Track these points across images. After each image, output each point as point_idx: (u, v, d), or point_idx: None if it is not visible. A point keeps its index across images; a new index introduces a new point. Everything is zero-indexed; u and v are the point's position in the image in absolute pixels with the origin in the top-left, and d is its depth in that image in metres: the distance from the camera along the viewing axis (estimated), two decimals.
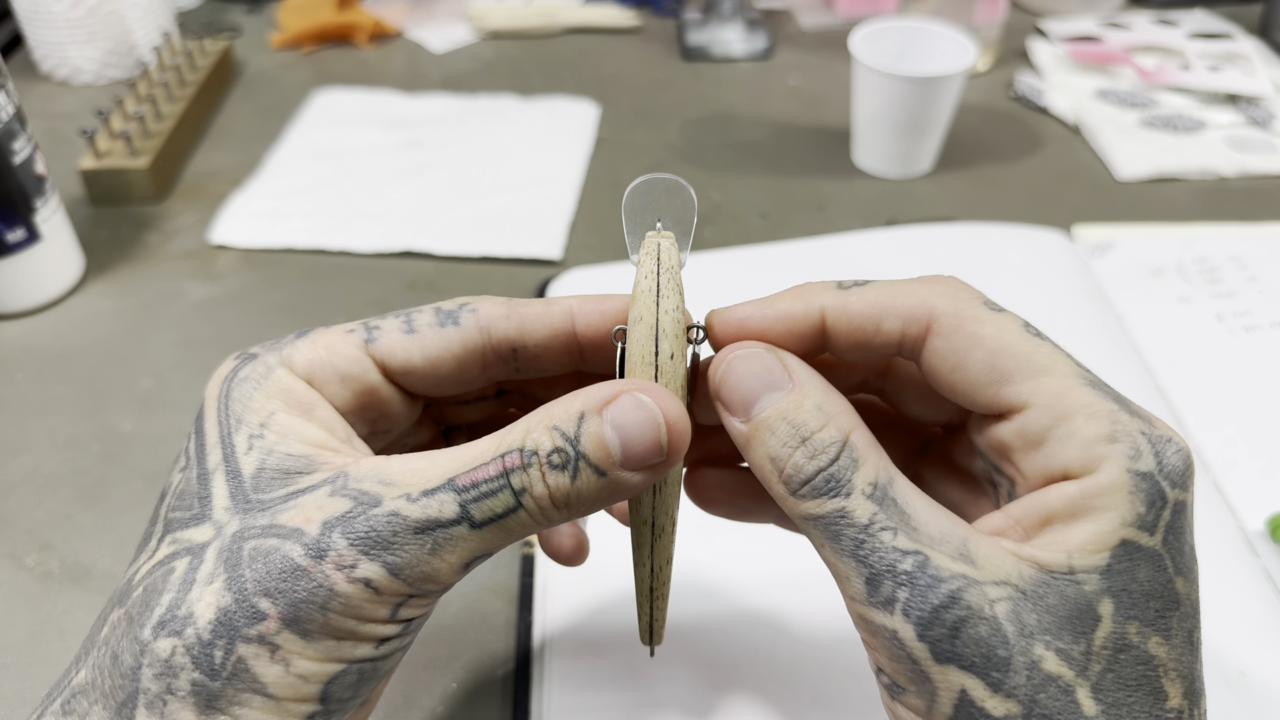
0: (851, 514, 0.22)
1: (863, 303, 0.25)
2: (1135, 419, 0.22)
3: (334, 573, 0.22)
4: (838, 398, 0.24)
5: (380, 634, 0.23)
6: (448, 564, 0.23)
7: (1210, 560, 0.40)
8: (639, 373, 0.25)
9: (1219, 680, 0.36)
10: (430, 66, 0.79)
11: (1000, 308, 0.24)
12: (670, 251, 0.25)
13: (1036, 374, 0.23)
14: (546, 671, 0.37)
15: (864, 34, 0.64)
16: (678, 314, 0.25)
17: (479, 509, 0.23)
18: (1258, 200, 0.64)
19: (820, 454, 0.23)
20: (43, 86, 0.75)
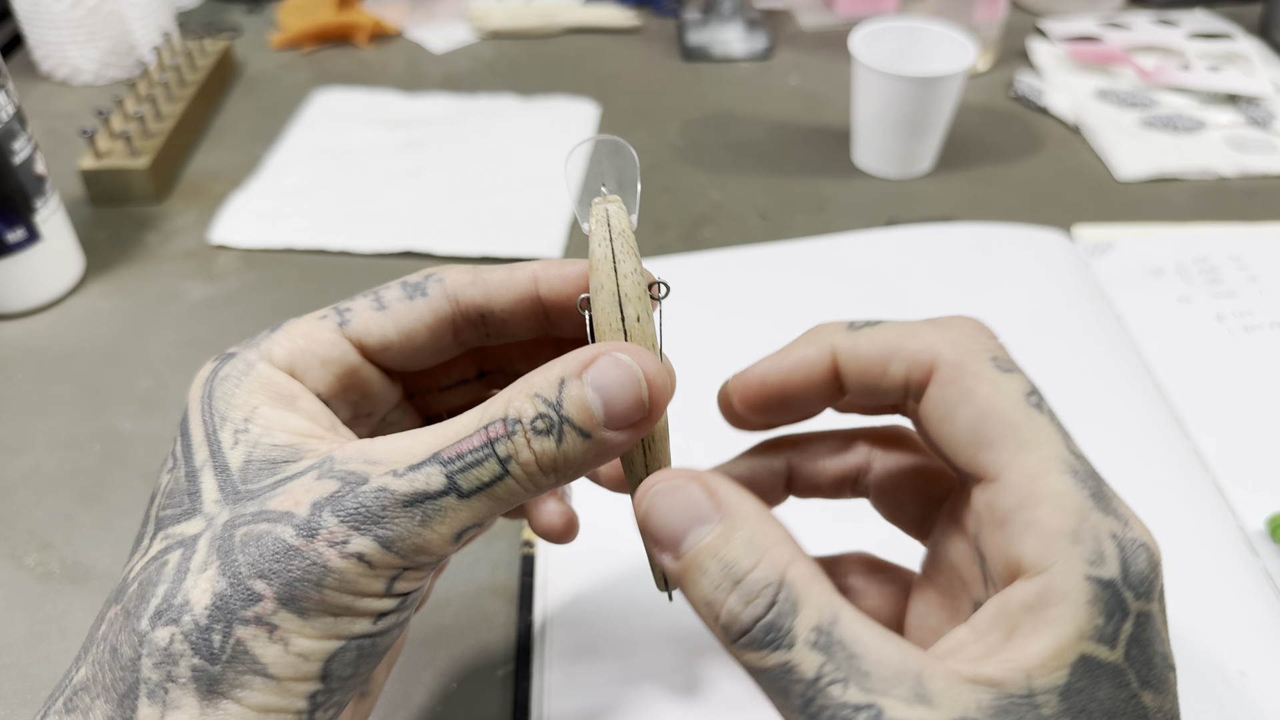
0: (797, 668, 0.21)
1: (871, 344, 0.25)
2: (1108, 518, 0.21)
3: (326, 549, 0.22)
4: (773, 525, 0.22)
5: (377, 608, 0.23)
6: (439, 534, 0.23)
7: (1210, 560, 0.40)
8: (609, 339, 0.25)
9: (1219, 680, 0.36)
10: (430, 66, 0.79)
11: (1012, 366, 0.23)
12: (619, 215, 0.25)
13: (1018, 447, 0.22)
14: (546, 671, 0.37)
15: (864, 34, 0.64)
16: (637, 276, 0.25)
17: (465, 479, 0.23)
18: (1258, 200, 0.64)
19: (755, 599, 0.21)
20: (43, 86, 0.75)
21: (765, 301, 0.53)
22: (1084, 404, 0.47)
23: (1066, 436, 0.22)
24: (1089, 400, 0.47)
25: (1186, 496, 0.43)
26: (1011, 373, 0.23)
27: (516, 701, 0.37)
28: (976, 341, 0.24)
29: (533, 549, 0.42)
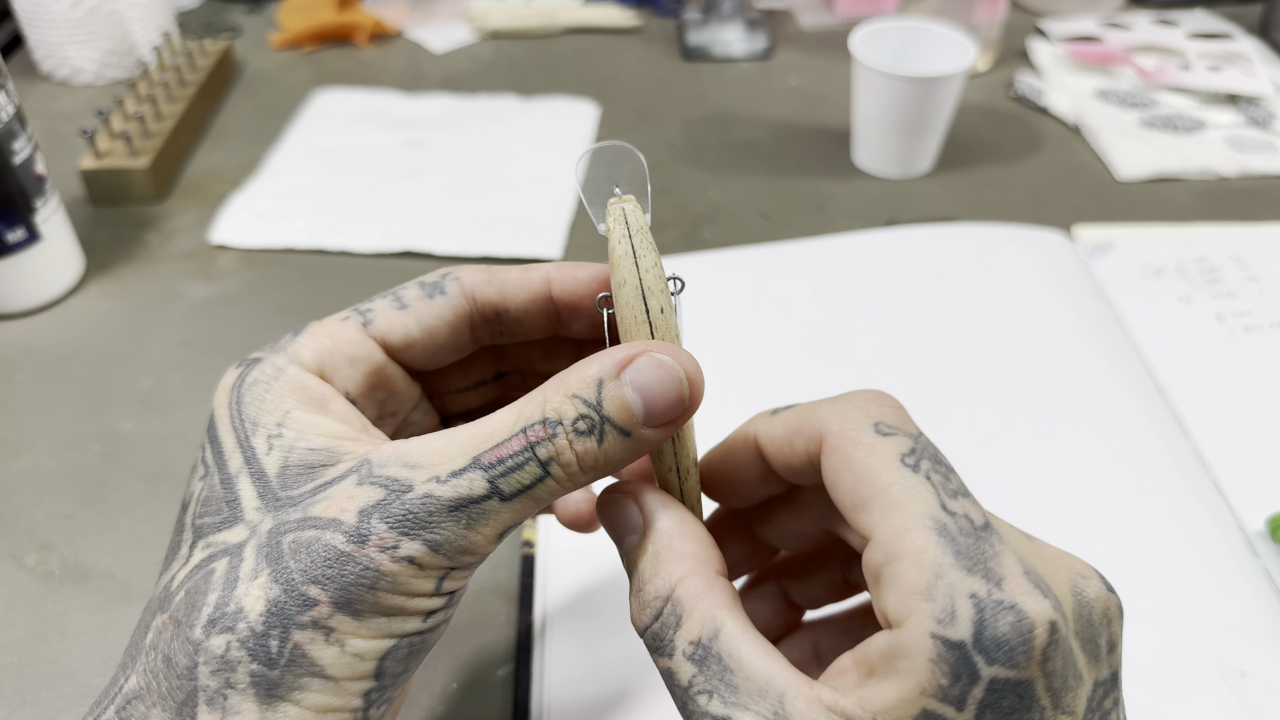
0: (675, 675, 0.23)
1: (782, 425, 0.25)
2: (971, 577, 0.20)
3: (378, 554, 0.23)
4: (684, 542, 0.24)
5: (427, 607, 0.24)
6: (483, 536, 0.24)
7: (1210, 560, 0.40)
8: (634, 332, 0.25)
9: (1219, 680, 0.36)
10: (430, 66, 0.79)
11: (894, 430, 0.23)
12: (636, 213, 0.26)
13: (887, 507, 0.22)
14: (546, 671, 0.37)
15: (864, 34, 0.64)
16: (658, 270, 0.25)
17: (507, 483, 0.23)
18: (1258, 200, 0.64)
19: (647, 608, 0.24)
20: (43, 86, 0.75)
21: (765, 301, 0.53)
22: (1084, 404, 0.47)
23: (943, 493, 0.22)
24: (1089, 400, 0.47)
25: (1186, 496, 0.43)
26: (891, 436, 0.23)
27: (516, 701, 0.37)
28: (861, 410, 0.24)
29: (533, 549, 0.42)
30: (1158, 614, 0.38)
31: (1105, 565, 0.40)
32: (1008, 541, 0.22)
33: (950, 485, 0.22)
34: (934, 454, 0.23)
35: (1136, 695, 0.36)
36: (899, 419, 0.24)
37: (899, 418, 0.24)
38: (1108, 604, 0.22)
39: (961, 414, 0.47)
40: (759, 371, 0.49)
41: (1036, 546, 0.23)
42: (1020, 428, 0.46)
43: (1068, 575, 0.22)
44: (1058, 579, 0.22)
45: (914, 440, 0.23)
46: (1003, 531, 0.22)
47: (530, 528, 0.43)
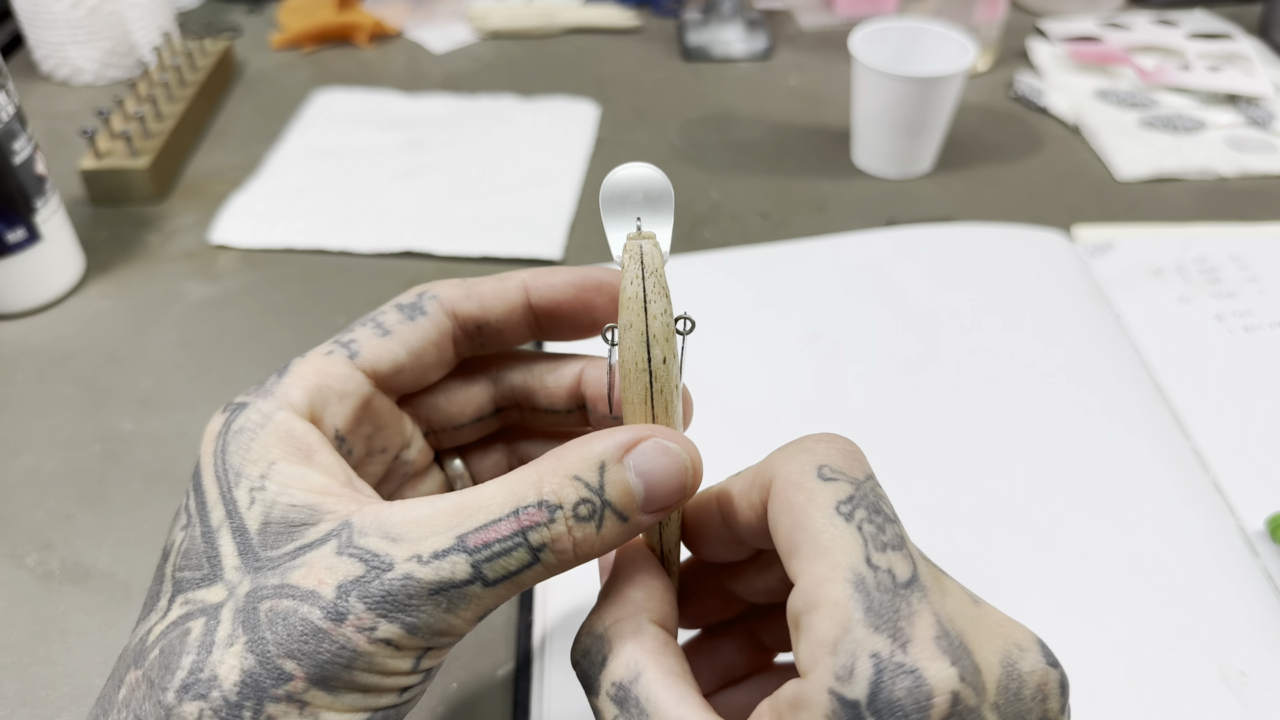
0: (600, 714, 0.23)
1: (742, 481, 0.25)
2: (878, 635, 0.20)
3: (355, 635, 0.22)
4: (633, 586, 0.25)
5: (403, 684, 0.24)
6: (463, 619, 0.23)
7: (1210, 560, 0.40)
8: (633, 379, 0.25)
9: (1219, 680, 0.36)
10: (430, 66, 0.79)
11: (837, 475, 0.23)
12: (653, 254, 0.25)
13: (814, 554, 0.22)
14: (546, 671, 0.37)
15: (864, 34, 0.64)
16: (666, 318, 0.25)
17: (492, 568, 0.23)
18: (1258, 200, 0.64)
19: (579, 643, 0.25)
20: (43, 87, 0.75)
21: (765, 302, 0.53)
22: (1084, 404, 0.47)
23: (872, 545, 0.22)
24: (1088, 400, 0.47)
25: (1186, 496, 0.43)
26: (833, 481, 0.23)
27: (516, 701, 0.37)
28: (809, 454, 0.24)
29: None
30: (1158, 614, 0.38)
31: (1105, 565, 0.40)
32: (932, 602, 0.21)
33: (883, 537, 0.22)
34: (873, 503, 0.22)
35: (1136, 695, 0.36)
36: (846, 463, 0.23)
37: (847, 462, 0.23)
38: (1044, 679, 0.21)
39: (961, 414, 0.47)
40: (759, 371, 0.49)
41: (977, 611, 0.22)
42: (1020, 427, 0.46)
43: (1002, 645, 0.21)
44: (989, 647, 0.21)
45: (855, 487, 0.23)
46: (934, 591, 0.21)
47: None
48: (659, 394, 0.25)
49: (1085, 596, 0.39)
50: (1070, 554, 0.40)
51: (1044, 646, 0.22)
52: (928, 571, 0.22)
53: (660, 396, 0.25)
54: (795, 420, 0.47)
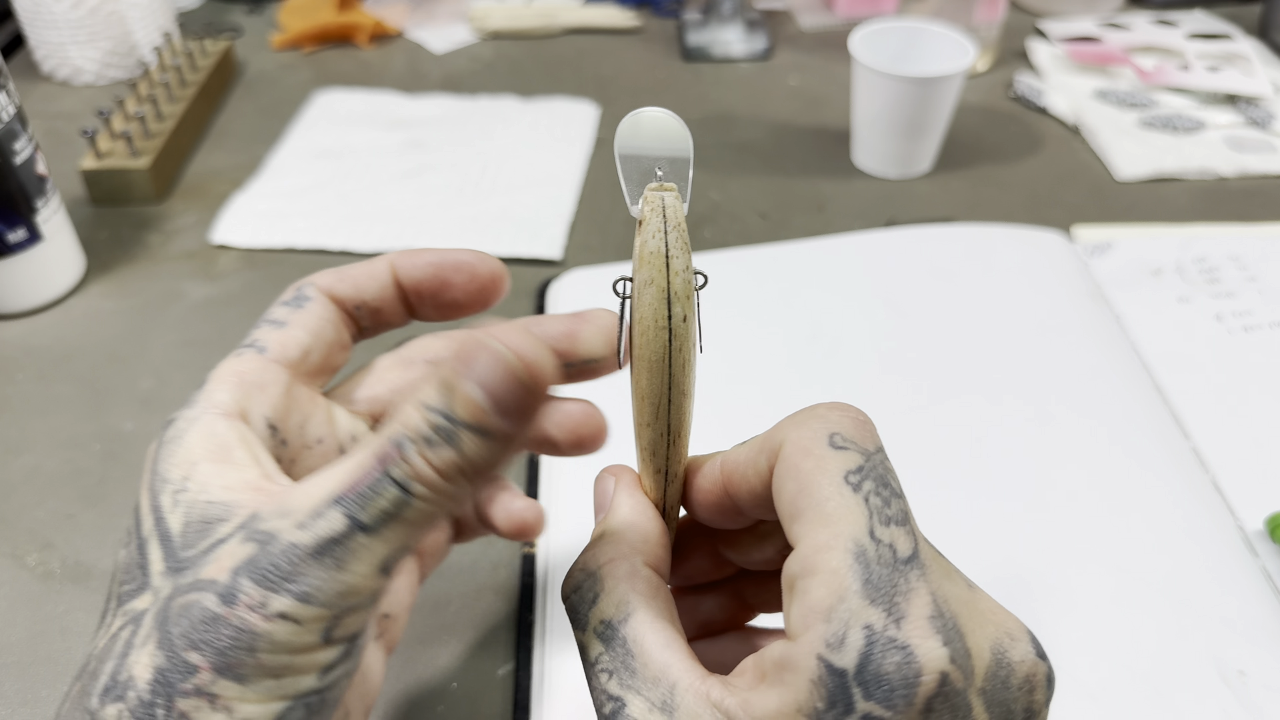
0: (585, 649, 0.24)
1: (747, 449, 0.25)
2: (874, 608, 0.20)
3: (248, 614, 0.22)
4: (630, 528, 0.25)
5: (320, 661, 0.23)
6: (359, 574, 0.22)
7: (1210, 560, 0.40)
8: (651, 335, 0.24)
9: (1219, 680, 0.36)
10: (430, 67, 0.79)
11: (848, 444, 0.23)
12: (675, 207, 0.24)
13: (817, 520, 0.22)
14: (546, 671, 0.37)
15: (864, 34, 0.64)
16: (688, 274, 0.24)
17: (367, 514, 0.22)
18: (1257, 200, 0.64)
19: (569, 580, 0.25)
20: (44, 87, 0.75)
21: (765, 301, 0.53)
22: (1083, 404, 0.47)
23: (876, 517, 0.22)
24: (1088, 400, 0.47)
25: (1186, 496, 0.43)
26: (844, 450, 0.23)
27: (516, 701, 0.37)
28: (821, 420, 0.24)
29: (533, 549, 0.42)
30: (1157, 614, 0.38)
31: (1105, 565, 0.40)
32: (930, 581, 0.21)
33: (888, 511, 0.22)
34: (881, 475, 0.23)
35: (1136, 695, 0.36)
36: (858, 433, 0.23)
37: (858, 432, 0.23)
38: (1033, 670, 0.22)
39: (961, 414, 0.47)
40: (759, 371, 0.49)
41: (972, 595, 0.22)
42: (1019, 427, 0.46)
43: (994, 632, 0.21)
44: (980, 633, 0.21)
45: (865, 458, 0.23)
46: (933, 570, 0.21)
47: None
48: (678, 352, 0.25)
49: (1085, 596, 0.39)
50: (1070, 553, 0.40)
51: (1034, 638, 0.22)
52: (928, 551, 0.22)
53: (679, 355, 0.25)
54: None
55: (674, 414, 0.25)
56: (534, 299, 0.56)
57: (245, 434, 0.26)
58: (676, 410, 0.25)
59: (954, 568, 0.23)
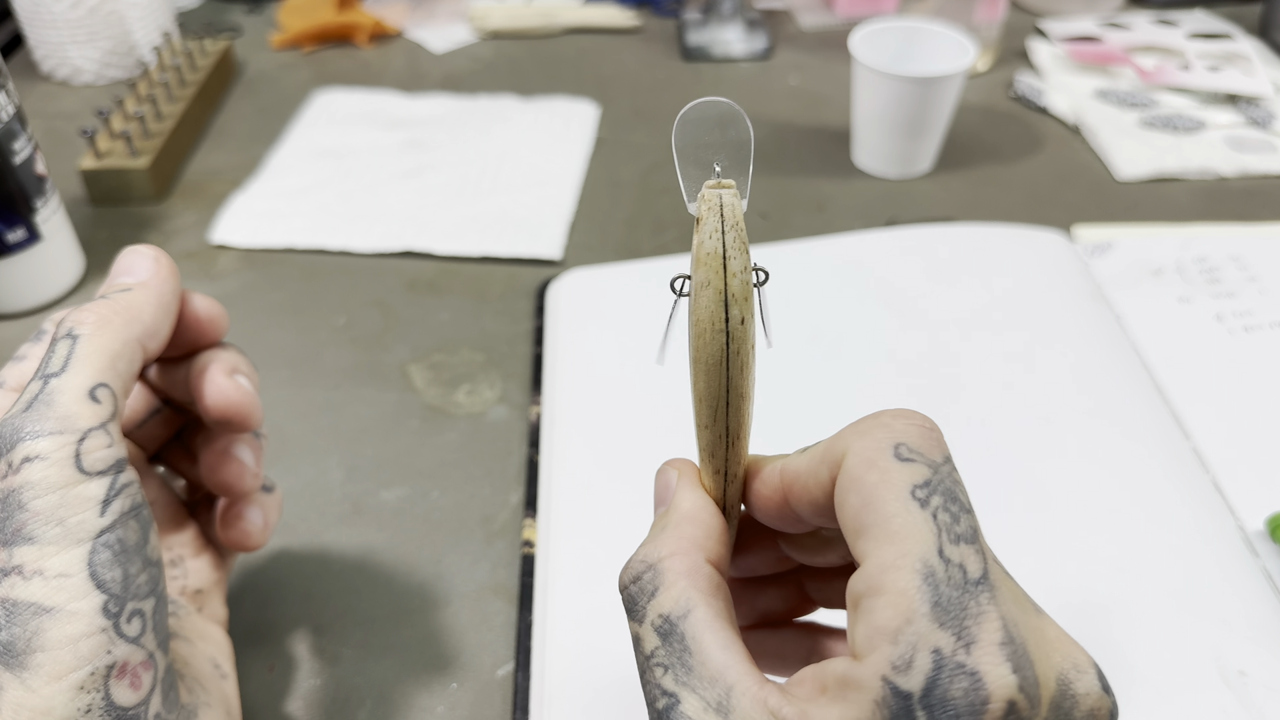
0: (641, 641, 0.24)
1: (808, 459, 0.25)
2: (943, 632, 0.20)
3: (9, 480, 0.24)
4: (692, 527, 0.25)
5: (90, 495, 0.25)
6: (68, 402, 0.25)
7: (1210, 560, 0.40)
8: (708, 340, 0.24)
9: (1219, 680, 0.36)
10: (430, 66, 0.79)
11: (915, 456, 0.22)
12: (734, 206, 0.23)
13: (884, 537, 0.21)
14: (546, 671, 0.37)
15: (864, 34, 0.64)
16: (746, 275, 0.23)
17: (51, 365, 0.26)
18: (1257, 200, 0.64)
19: (630, 569, 0.25)
20: (43, 86, 0.75)
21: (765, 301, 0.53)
22: (1084, 404, 0.47)
23: (946, 535, 0.21)
24: (1089, 400, 0.47)
25: (1186, 496, 0.43)
26: (910, 462, 0.22)
27: (516, 701, 0.37)
28: (886, 429, 0.23)
29: (533, 549, 0.42)
30: (1157, 614, 0.38)
31: (1105, 565, 0.40)
32: (1001, 604, 0.20)
33: (957, 528, 0.21)
34: (949, 489, 0.22)
35: (1136, 695, 0.36)
36: (925, 443, 0.22)
37: (925, 441, 0.22)
38: (1097, 705, 0.21)
39: (961, 414, 0.47)
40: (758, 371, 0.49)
41: (1039, 621, 0.22)
42: (1020, 427, 0.46)
43: (1060, 661, 0.21)
44: (1048, 662, 0.21)
45: (933, 471, 0.22)
46: (1002, 593, 0.21)
47: (530, 528, 0.43)
48: (735, 355, 0.24)
49: (1085, 596, 0.39)
50: (1070, 553, 0.40)
51: (1100, 672, 0.22)
52: (998, 571, 0.21)
53: (737, 358, 0.24)
54: (795, 420, 0.47)
55: (732, 416, 0.25)
56: (533, 299, 0.56)
57: None
58: (735, 413, 0.25)
59: (1022, 590, 0.22)
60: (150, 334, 0.28)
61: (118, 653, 0.24)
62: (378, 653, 0.39)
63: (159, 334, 0.29)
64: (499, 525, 0.43)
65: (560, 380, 0.49)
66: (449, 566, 0.42)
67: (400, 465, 0.46)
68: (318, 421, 0.48)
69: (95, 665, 0.24)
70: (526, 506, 0.44)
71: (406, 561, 0.42)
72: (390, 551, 0.42)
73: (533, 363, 0.51)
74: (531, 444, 0.47)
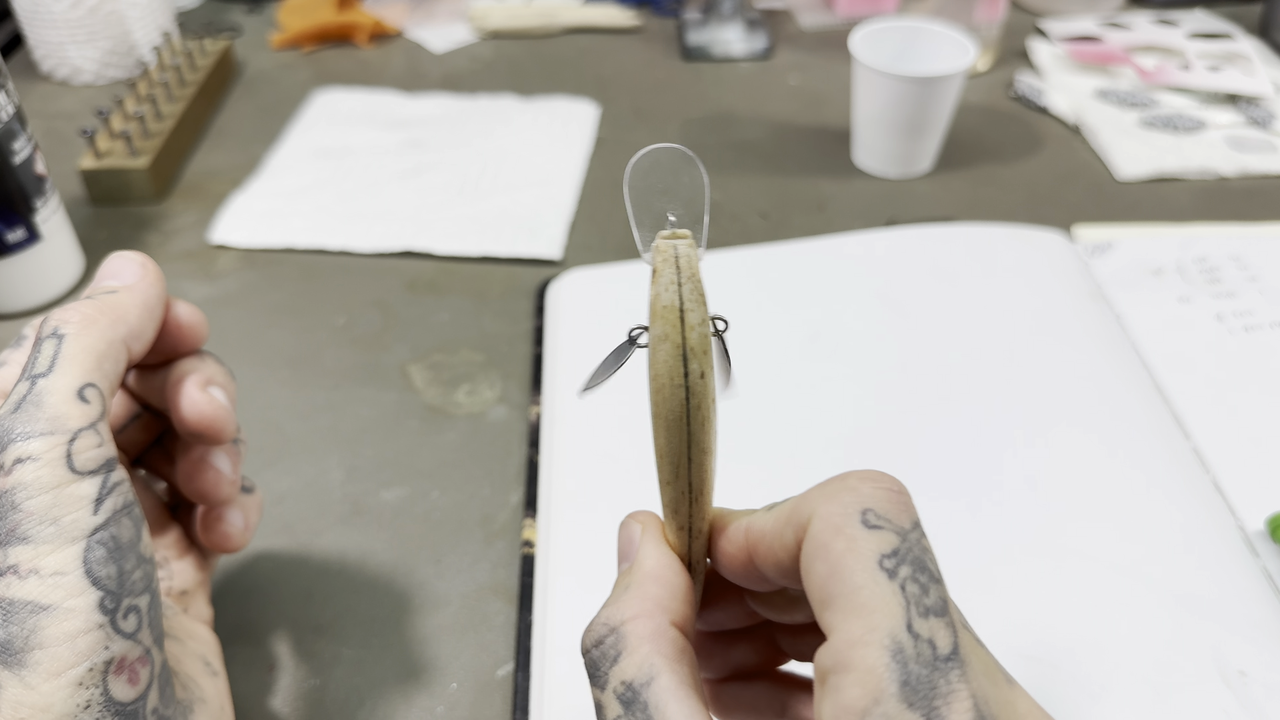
0: (604, 709, 0.23)
1: (774, 519, 0.24)
2: (909, 712, 0.19)
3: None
4: (655, 587, 0.24)
5: (83, 494, 0.25)
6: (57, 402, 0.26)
7: (1210, 560, 0.40)
8: (667, 395, 0.23)
9: (1219, 680, 0.36)
10: (430, 66, 0.79)
11: (882, 522, 0.21)
12: (689, 256, 0.23)
13: (851, 611, 0.20)
14: (546, 671, 0.37)
15: (864, 34, 0.64)
16: (705, 328, 0.23)
17: (38, 366, 0.26)
18: (1258, 200, 0.64)
19: (593, 632, 0.24)
20: (43, 86, 0.75)
21: (765, 301, 0.53)
22: (1084, 404, 0.47)
23: (915, 608, 0.20)
24: (1089, 400, 0.47)
25: (1186, 496, 0.43)
26: (878, 529, 0.21)
27: (516, 701, 0.37)
28: (853, 494, 0.22)
29: (533, 549, 0.42)
30: (1157, 614, 0.38)
31: (1105, 565, 0.40)
32: (972, 680, 0.20)
33: (926, 600, 0.20)
34: (918, 558, 0.21)
35: (1136, 695, 0.36)
36: (892, 508, 0.22)
37: (893, 507, 0.22)
38: None
39: (961, 414, 0.47)
40: (758, 372, 0.49)
41: (1011, 694, 0.21)
42: (1020, 428, 0.46)
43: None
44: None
45: (901, 538, 0.21)
46: (973, 667, 0.20)
47: (530, 528, 0.43)
48: (695, 410, 0.23)
49: (1085, 596, 0.39)
50: (1070, 554, 0.40)
51: None
52: (968, 643, 0.21)
53: (698, 413, 0.23)
54: (795, 420, 0.47)
55: (695, 472, 0.24)
56: (533, 299, 0.56)
57: None
58: (698, 468, 0.24)
59: (993, 660, 0.22)
60: (135, 335, 0.28)
61: (115, 649, 0.24)
62: (377, 653, 0.39)
63: (143, 336, 0.29)
64: (499, 525, 0.43)
65: (560, 380, 0.49)
66: (449, 566, 0.42)
67: (400, 465, 0.46)
68: (317, 421, 0.48)
69: (93, 661, 0.24)
70: (526, 506, 0.44)
71: (406, 561, 0.42)
72: (390, 551, 0.42)
73: (532, 363, 0.51)
74: (531, 444, 0.47)
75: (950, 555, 0.40)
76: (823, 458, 0.45)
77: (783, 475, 0.44)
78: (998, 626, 0.38)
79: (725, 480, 0.43)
